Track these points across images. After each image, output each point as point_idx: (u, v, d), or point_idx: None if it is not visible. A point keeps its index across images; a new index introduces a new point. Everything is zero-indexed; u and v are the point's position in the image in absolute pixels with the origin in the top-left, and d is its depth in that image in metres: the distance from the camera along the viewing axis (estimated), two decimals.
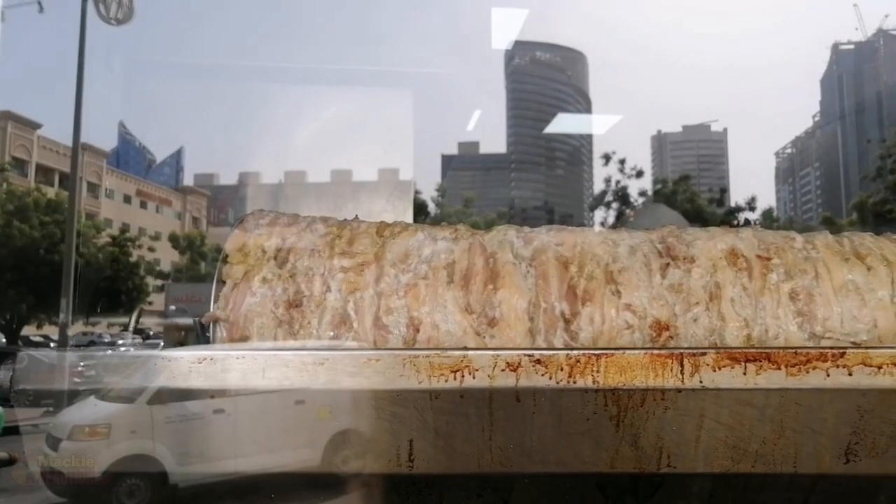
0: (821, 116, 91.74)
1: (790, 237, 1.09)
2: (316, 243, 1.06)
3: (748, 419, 0.93)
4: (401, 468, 0.97)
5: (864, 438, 0.93)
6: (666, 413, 0.92)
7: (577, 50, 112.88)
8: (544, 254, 1.03)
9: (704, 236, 1.09)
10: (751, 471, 0.96)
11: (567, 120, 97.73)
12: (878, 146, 32.53)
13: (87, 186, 42.57)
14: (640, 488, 1.01)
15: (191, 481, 6.80)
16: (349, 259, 1.04)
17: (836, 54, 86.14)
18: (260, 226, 1.11)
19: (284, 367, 0.93)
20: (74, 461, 6.59)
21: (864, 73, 78.01)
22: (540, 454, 0.96)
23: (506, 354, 0.92)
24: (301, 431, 5.95)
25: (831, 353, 0.91)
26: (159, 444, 6.92)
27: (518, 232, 1.09)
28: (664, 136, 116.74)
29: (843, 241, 1.09)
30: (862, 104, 72.59)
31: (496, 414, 0.94)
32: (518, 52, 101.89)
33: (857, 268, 1.03)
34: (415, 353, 0.92)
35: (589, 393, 0.91)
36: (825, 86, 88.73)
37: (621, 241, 1.07)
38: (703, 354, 0.91)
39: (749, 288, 1.02)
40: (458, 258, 1.04)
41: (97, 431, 6.94)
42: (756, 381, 0.90)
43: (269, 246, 1.07)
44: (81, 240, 24.80)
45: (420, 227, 1.10)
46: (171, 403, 6.90)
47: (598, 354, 0.91)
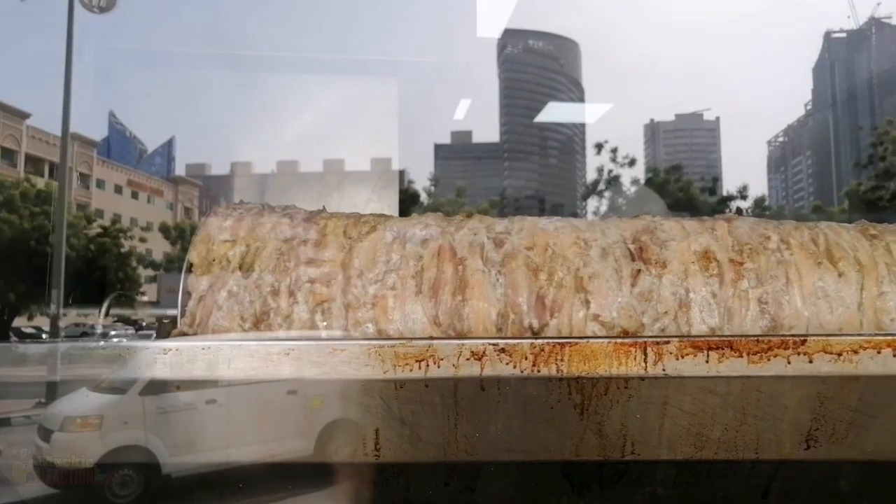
0: (813, 105, 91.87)
1: (766, 235, 1.08)
2: (281, 249, 1.05)
3: (711, 407, 0.94)
4: (367, 457, 0.98)
5: (825, 425, 0.94)
6: (630, 401, 0.93)
7: (571, 38, 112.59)
8: (514, 260, 1.03)
9: (679, 234, 1.08)
10: (714, 458, 0.97)
11: (560, 109, 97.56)
12: (869, 133, 32.64)
13: (77, 177, 42.27)
14: (606, 476, 1.02)
15: (183, 471, 6.80)
16: (315, 268, 1.03)
17: (829, 42, 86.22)
18: (224, 230, 1.09)
19: (250, 358, 0.93)
20: (66, 452, 6.59)
21: (856, 61, 78.12)
22: (505, 442, 0.97)
23: (470, 343, 0.92)
24: (293, 421, 5.96)
25: (792, 341, 0.92)
26: (152, 434, 6.91)
27: (489, 231, 1.08)
28: (657, 125, 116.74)
29: (818, 238, 1.08)
30: (854, 92, 72.71)
31: (461, 403, 0.94)
32: (510, 40, 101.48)
33: (829, 274, 1.04)
34: (380, 343, 0.93)
35: (553, 381, 0.91)
36: (817, 74, 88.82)
37: (593, 242, 1.06)
38: (667, 343, 0.92)
39: (719, 295, 1.03)
40: (427, 265, 1.04)
41: (89, 422, 6.93)
42: (718, 369, 0.91)
43: (233, 255, 1.06)
44: (72, 230, 24.68)
45: (389, 223, 1.09)
46: (164, 394, 6.90)
47: (562, 343, 0.92)
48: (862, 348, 0.91)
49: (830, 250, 1.06)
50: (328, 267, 1.03)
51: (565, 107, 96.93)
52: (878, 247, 1.07)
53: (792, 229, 1.11)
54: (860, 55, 77.87)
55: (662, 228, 1.09)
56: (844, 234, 1.10)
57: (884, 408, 0.93)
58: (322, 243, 1.06)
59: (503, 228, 1.09)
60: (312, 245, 1.05)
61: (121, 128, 67.76)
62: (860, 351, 0.90)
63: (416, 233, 1.09)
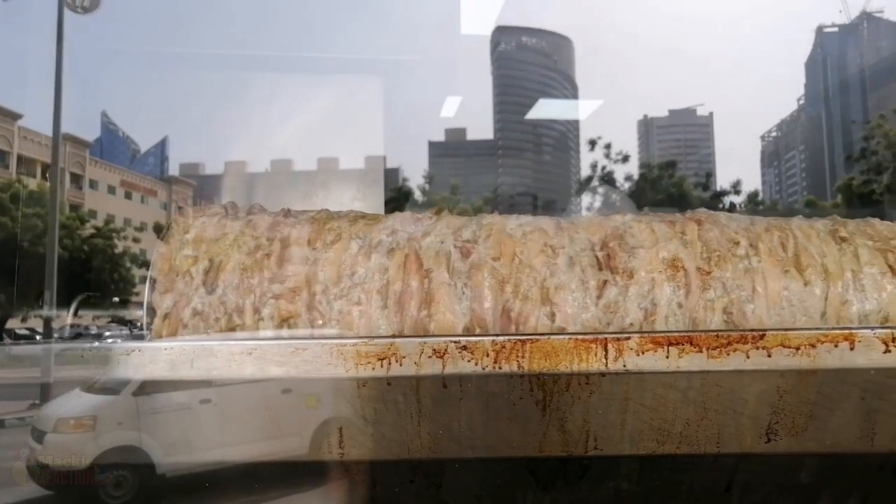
0: (805, 100, 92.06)
1: (735, 240, 1.09)
2: (245, 264, 1.05)
3: (672, 402, 0.95)
4: (332, 455, 0.98)
5: (784, 418, 0.95)
6: (591, 397, 0.94)
7: (564, 35, 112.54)
8: (480, 272, 1.03)
9: (648, 240, 1.08)
10: (676, 452, 0.98)
11: (550, 105, 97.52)
12: (861, 128, 32.76)
13: (70, 177, 42.12)
14: (570, 471, 1.03)
15: (178, 471, 6.79)
16: (279, 284, 1.03)
17: (820, 37, 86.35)
18: (186, 244, 1.08)
19: (212, 358, 0.94)
20: (60, 454, 6.58)
21: (848, 55, 78.34)
22: (469, 439, 0.98)
23: (432, 341, 0.93)
24: (288, 421, 5.95)
25: (751, 336, 0.93)
26: (146, 435, 6.90)
27: (457, 238, 1.08)
28: (651, 121, 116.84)
29: (788, 242, 1.09)
30: (846, 86, 72.94)
31: (424, 401, 0.95)
32: (503, 37, 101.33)
33: (795, 282, 1.05)
34: (342, 341, 0.94)
35: (515, 378, 0.92)
36: (809, 69, 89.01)
37: (561, 250, 1.06)
38: (627, 339, 0.93)
39: (685, 305, 1.04)
40: (393, 278, 1.04)
41: (82, 423, 6.92)
42: (679, 365, 0.92)
43: (196, 271, 1.06)
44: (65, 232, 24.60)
45: (354, 229, 1.08)
46: (157, 394, 6.88)
47: (523, 340, 0.93)
48: (819, 342, 0.92)
49: (798, 256, 1.07)
50: (292, 282, 1.03)
51: (555, 104, 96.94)
52: (847, 252, 1.08)
53: (762, 231, 1.11)
54: (852, 49, 78.10)
55: (632, 233, 1.10)
56: (815, 237, 1.11)
57: (841, 400, 0.94)
58: (285, 256, 1.06)
59: (471, 235, 1.09)
60: (276, 259, 1.05)
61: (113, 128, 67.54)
62: (818, 345, 0.92)
63: (383, 239, 1.08)
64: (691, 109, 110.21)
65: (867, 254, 1.08)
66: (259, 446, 6.50)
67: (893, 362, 0.91)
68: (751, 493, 1.08)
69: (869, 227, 1.15)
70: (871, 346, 0.91)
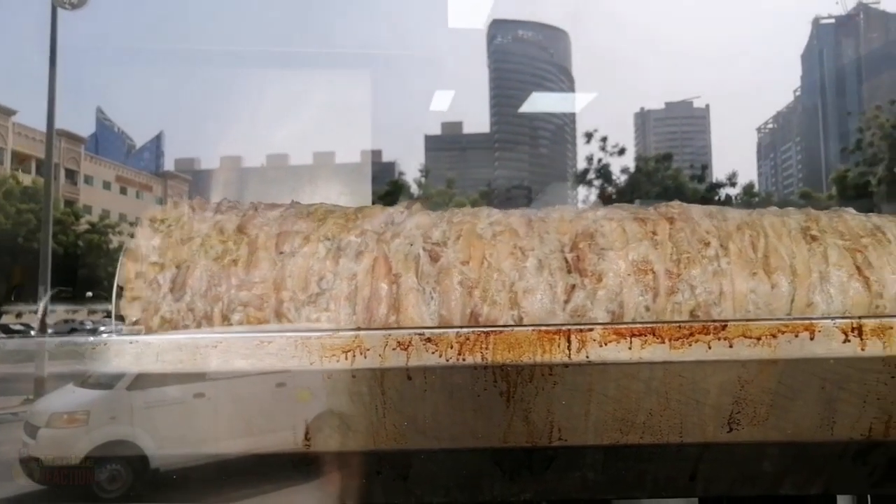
0: (802, 91, 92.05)
1: (706, 241, 1.09)
2: (212, 271, 1.05)
3: (635, 392, 0.96)
4: (297, 446, 0.99)
5: (746, 408, 0.96)
6: (555, 388, 0.95)
7: (560, 28, 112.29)
8: (448, 278, 1.04)
9: (619, 241, 1.09)
10: (639, 442, 0.99)
11: (543, 99, 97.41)
12: (857, 119, 32.77)
13: (64, 173, 42.03)
14: (535, 462, 1.04)
15: (172, 466, 6.81)
16: (247, 291, 1.04)
17: (817, 28, 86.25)
18: (152, 250, 1.08)
19: (178, 351, 0.94)
20: (53, 449, 6.59)
21: (844, 46, 78.30)
22: (434, 431, 0.99)
23: (397, 334, 0.94)
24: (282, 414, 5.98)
25: (713, 327, 0.94)
26: (139, 429, 6.87)
27: (426, 240, 1.08)
28: (647, 113, 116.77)
29: (758, 242, 1.09)
30: (842, 78, 72.91)
31: (388, 392, 0.96)
32: (499, 30, 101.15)
33: (762, 285, 1.06)
34: (307, 334, 0.94)
35: (478, 370, 0.93)
36: (806, 60, 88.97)
37: (530, 252, 1.07)
38: (591, 330, 0.94)
39: (652, 309, 1.05)
40: (361, 283, 1.04)
41: (76, 418, 6.92)
42: (641, 355, 0.93)
43: (163, 279, 1.06)
44: (60, 227, 24.56)
45: (323, 230, 1.07)
46: (151, 389, 6.88)
47: (487, 332, 0.94)
48: (780, 332, 0.92)
49: (768, 257, 1.08)
50: (260, 289, 1.04)
51: (549, 97, 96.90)
52: (817, 252, 1.09)
53: (734, 230, 1.11)
54: (848, 41, 78.07)
55: (602, 232, 1.10)
56: (785, 235, 1.11)
57: (801, 390, 0.95)
58: (253, 262, 1.06)
59: (440, 236, 1.09)
60: (243, 264, 1.05)
61: (108, 123, 67.37)
62: (778, 335, 0.92)
63: (352, 241, 1.08)
64: (688, 102, 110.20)
65: (836, 254, 1.09)
66: (250, 440, 6.54)
67: (852, 352, 0.92)
68: (715, 482, 1.10)
69: (841, 222, 1.15)
70: (830, 336, 0.92)
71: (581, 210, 1.17)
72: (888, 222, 1.17)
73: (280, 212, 1.12)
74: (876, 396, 0.95)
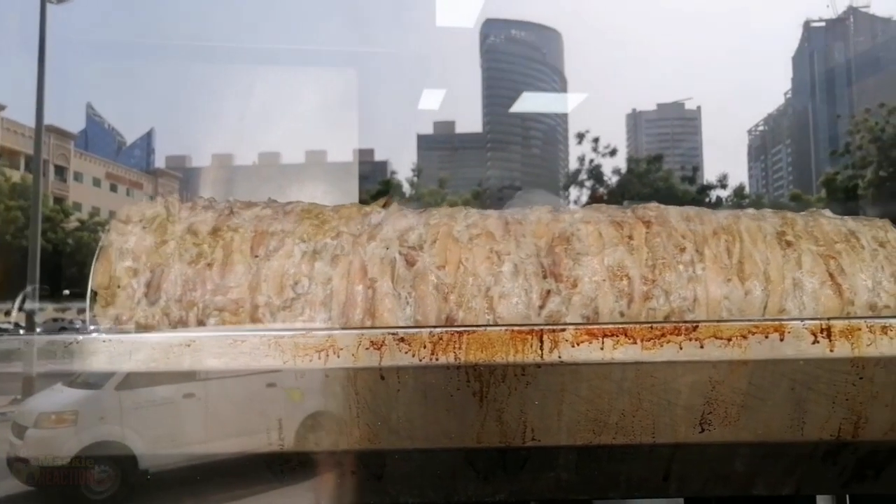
0: (792, 94, 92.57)
1: (681, 246, 1.10)
2: (186, 275, 1.05)
3: (607, 393, 0.96)
4: (272, 447, 0.99)
5: (717, 408, 0.97)
6: (527, 388, 0.95)
7: (553, 28, 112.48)
8: (424, 283, 1.04)
9: (595, 246, 1.09)
10: (612, 442, 0.99)
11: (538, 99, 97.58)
12: (847, 122, 32.99)
13: (54, 169, 41.74)
14: (509, 462, 1.05)
15: (161, 466, 6.77)
16: (222, 296, 1.04)
17: (808, 31, 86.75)
18: (125, 253, 1.07)
19: (150, 350, 0.94)
20: (41, 449, 6.54)
21: (835, 49, 78.79)
22: (407, 431, 0.99)
23: (370, 333, 0.94)
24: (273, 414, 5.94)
25: (685, 327, 0.94)
26: (128, 429, 6.85)
27: (402, 243, 1.08)
28: (639, 115, 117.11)
29: (734, 248, 1.10)
30: (832, 81, 73.41)
31: (361, 392, 0.96)
32: (492, 30, 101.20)
33: (736, 291, 1.07)
34: (280, 334, 0.94)
35: (451, 369, 0.93)
36: (797, 63, 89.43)
37: (506, 257, 1.07)
38: (563, 330, 0.94)
39: (626, 314, 1.06)
40: (337, 287, 1.04)
41: (64, 418, 6.88)
42: (613, 356, 0.93)
43: (137, 284, 1.05)
44: (49, 224, 24.41)
45: (299, 231, 1.07)
46: (140, 389, 6.84)
47: (460, 332, 0.94)
48: (751, 333, 0.93)
49: (743, 263, 1.09)
50: (235, 293, 1.04)
51: (540, 97, 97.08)
52: (790, 258, 1.10)
53: (710, 235, 1.12)
54: (838, 44, 78.58)
55: (579, 236, 1.10)
56: (761, 241, 1.12)
57: (772, 390, 0.96)
58: (228, 265, 1.06)
59: (416, 239, 1.09)
60: (218, 268, 1.05)
61: (99, 120, 67.01)
62: (749, 336, 0.93)
63: (328, 244, 1.08)
64: (679, 103, 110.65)
65: (810, 261, 1.10)
66: (226, 442, 6.51)
67: (821, 353, 0.93)
68: (688, 482, 1.10)
69: (817, 227, 1.16)
70: (800, 337, 0.93)
71: (558, 211, 1.18)
72: (863, 227, 1.18)
73: (256, 211, 1.11)
74: (845, 397, 0.97)
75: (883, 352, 0.93)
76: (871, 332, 0.93)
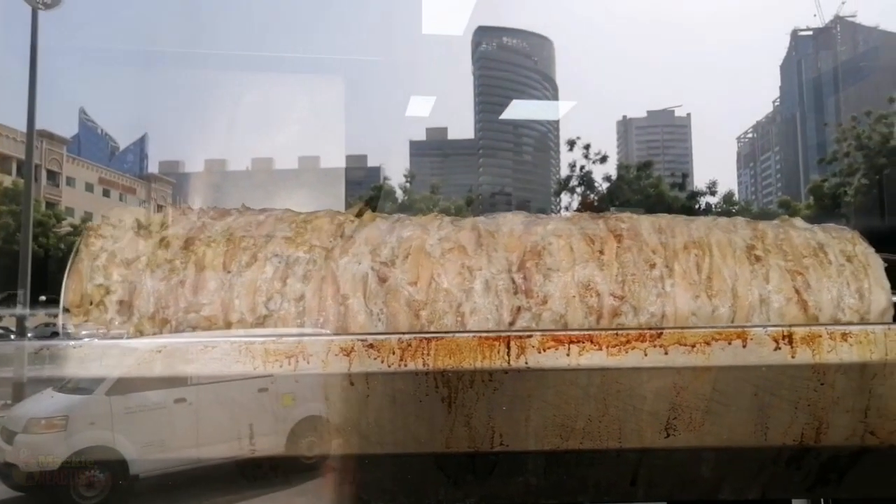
0: (781, 102, 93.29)
1: (651, 262, 1.11)
2: (160, 292, 1.05)
3: (573, 398, 0.98)
4: (243, 451, 1.00)
5: (682, 413, 0.99)
6: (495, 394, 0.97)
7: (544, 36, 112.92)
8: (396, 300, 1.05)
9: (566, 261, 1.10)
10: (579, 447, 1.01)
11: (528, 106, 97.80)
12: (834, 130, 33.22)
13: (46, 174, 41.48)
14: (478, 467, 1.06)
15: (152, 471, 6.73)
16: (195, 313, 1.04)
17: (796, 40, 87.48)
18: (96, 271, 1.07)
19: (122, 356, 0.95)
20: (30, 454, 6.50)
21: (822, 58, 79.45)
22: (377, 435, 1.00)
23: (339, 340, 0.95)
24: (265, 419, 5.89)
25: (649, 334, 0.96)
26: (119, 434, 6.82)
27: (374, 258, 1.08)
28: (629, 122, 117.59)
29: (703, 263, 1.11)
30: (819, 89, 73.97)
31: (331, 398, 0.97)
32: (484, 37, 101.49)
33: (703, 308, 1.09)
34: (250, 339, 0.95)
35: (420, 375, 0.94)
36: (785, 71, 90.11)
37: (478, 272, 1.08)
38: (530, 337, 0.96)
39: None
40: (309, 305, 1.04)
41: (54, 424, 6.83)
42: (579, 362, 0.95)
43: (110, 302, 1.05)
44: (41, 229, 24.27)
45: (271, 246, 1.06)
46: (131, 394, 6.81)
47: (428, 338, 0.95)
48: (714, 340, 0.95)
49: (711, 279, 1.10)
50: (207, 310, 1.04)
51: (530, 104, 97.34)
52: (759, 274, 1.12)
53: (681, 249, 1.13)
54: (826, 53, 79.24)
55: (550, 251, 1.11)
56: (730, 256, 1.13)
57: (735, 396, 0.98)
58: (200, 282, 1.05)
59: (389, 254, 1.09)
60: (190, 285, 1.05)
61: (92, 125, 66.66)
62: (712, 342, 0.95)
63: (300, 258, 1.08)
64: (669, 110, 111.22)
65: (777, 277, 1.12)
66: (239, 445, 6.47)
67: (783, 359, 0.94)
68: (656, 487, 1.12)
69: (787, 241, 1.17)
70: (762, 344, 0.95)
71: (532, 221, 1.18)
72: (832, 239, 1.19)
73: (229, 222, 1.11)
74: (807, 403, 0.98)
75: (843, 358, 0.95)
76: (831, 339, 0.95)
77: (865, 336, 0.95)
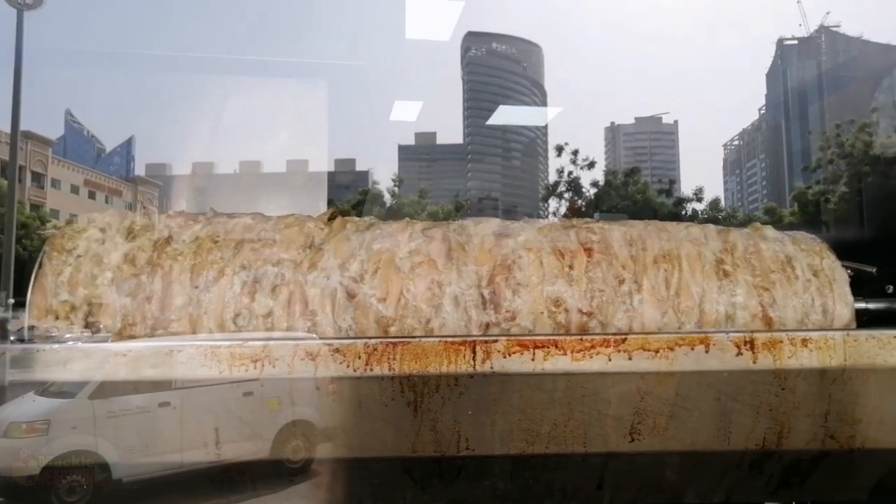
0: (766, 110, 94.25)
1: (621, 278, 1.11)
2: (126, 309, 1.04)
3: (539, 403, 0.99)
4: (209, 455, 1.00)
5: (646, 418, 1.00)
6: (461, 398, 0.97)
7: (533, 42, 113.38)
8: (364, 316, 1.05)
9: (535, 276, 1.09)
10: (545, 451, 1.01)
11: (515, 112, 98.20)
12: (818, 138, 33.55)
13: (31, 176, 41.10)
14: (445, 471, 1.06)
15: (135, 476, 6.68)
16: (163, 330, 1.03)
17: (781, 49, 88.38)
18: (61, 286, 1.05)
19: (86, 359, 0.95)
20: (10, 459, 6.43)
21: (807, 67, 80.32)
22: (343, 439, 1.00)
23: (305, 344, 0.95)
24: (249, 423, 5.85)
25: (613, 340, 0.97)
26: (102, 439, 6.75)
27: (343, 273, 1.07)
28: (617, 128, 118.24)
29: (672, 279, 1.12)
30: (804, 97, 74.76)
31: (297, 402, 0.97)
32: (474, 42, 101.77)
33: (671, 324, 1.10)
34: (216, 343, 0.95)
35: (386, 380, 0.95)
36: (770, 80, 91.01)
37: (447, 288, 1.08)
38: (495, 341, 0.96)
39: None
40: (278, 321, 1.04)
41: (35, 428, 6.76)
42: (544, 367, 0.96)
43: (76, 318, 1.04)
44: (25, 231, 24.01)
45: (239, 258, 1.06)
46: (115, 398, 6.75)
47: (394, 343, 0.96)
48: (677, 345, 0.96)
49: (679, 295, 1.11)
50: (175, 327, 1.03)
51: (517, 110, 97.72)
52: (726, 290, 1.12)
53: (650, 263, 1.13)
54: (810, 62, 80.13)
55: (520, 265, 1.11)
56: (699, 271, 1.13)
57: (698, 401, 0.99)
58: (167, 298, 1.05)
59: (358, 269, 1.08)
60: (157, 302, 1.04)
61: (78, 126, 66.09)
62: (675, 348, 0.96)
63: (268, 271, 1.07)
64: (657, 117, 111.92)
65: (743, 294, 1.12)
66: (223, 449, 6.42)
67: (745, 365, 0.96)
68: (621, 491, 1.13)
69: (756, 255, 1.17)
70: (724, 350, 0.96)
71: (504, 232, 1.17)
72: (800, 252, 1.19)
73: (196, 231, 1.10)
74: (768, 408, 0.99)
75: (803, 363, 0.96)
76: (792, 345, 0.96)
77: (825, 342, 0.96)
